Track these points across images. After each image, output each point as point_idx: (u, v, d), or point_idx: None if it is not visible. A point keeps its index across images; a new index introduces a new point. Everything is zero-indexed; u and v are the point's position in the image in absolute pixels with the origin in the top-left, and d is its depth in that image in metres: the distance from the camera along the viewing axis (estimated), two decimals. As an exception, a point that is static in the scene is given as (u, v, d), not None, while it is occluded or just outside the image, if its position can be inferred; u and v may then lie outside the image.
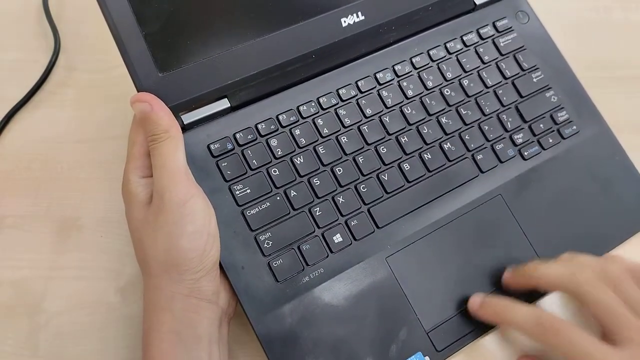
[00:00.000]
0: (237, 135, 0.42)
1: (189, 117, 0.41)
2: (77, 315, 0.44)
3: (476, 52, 0.48)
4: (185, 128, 0.41)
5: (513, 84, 0.47)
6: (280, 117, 0.43)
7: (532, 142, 0.46)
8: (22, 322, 0.43)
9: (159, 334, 0.36)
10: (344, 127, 0.44)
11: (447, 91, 0.46)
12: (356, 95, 0.45)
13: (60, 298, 0.44)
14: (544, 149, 0.46)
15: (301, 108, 0.43)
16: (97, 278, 0.45)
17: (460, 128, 0.45)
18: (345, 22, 0.44)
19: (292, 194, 0.41)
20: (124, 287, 0.44)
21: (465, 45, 0.48)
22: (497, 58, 0.48)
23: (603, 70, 0.54)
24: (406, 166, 0.43)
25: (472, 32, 0.48)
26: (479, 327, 0.41)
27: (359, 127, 0.44)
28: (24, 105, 0.51)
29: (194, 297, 0.36)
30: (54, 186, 0.48)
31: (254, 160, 0.41)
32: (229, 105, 0.42)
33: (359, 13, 0.44)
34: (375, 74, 0.45)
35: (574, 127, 0.47)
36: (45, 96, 0.52)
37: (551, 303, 0.43)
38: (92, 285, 0.45)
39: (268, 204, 0.41)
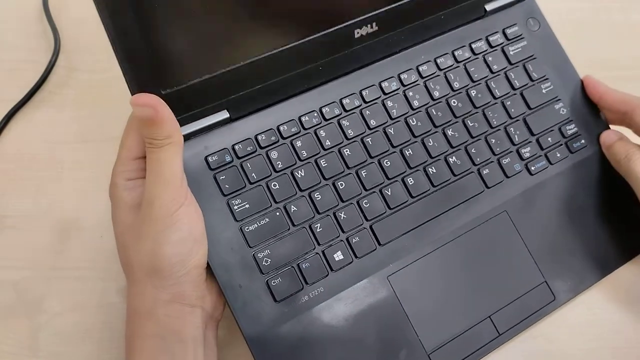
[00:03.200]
0: (236, 147, 0.40)
1: (186, 128, 0.39)
2: (77, 315, 0.44)
3: (485, 60, 0.46)
4: (181, 139, 0.39)
5: (522, 95, 0.46)
6: (281, 128, 0.41)
7: (540, 156, 0.45)
8: (22, 322, 0.43)
9: (141, 341, 0.35)
10: (347, 139, 0.42)
11: (454, 102, 0.44)
12: (360, 105, 0.43)
13: (60, 298, 0.44)
14: (551, 163, 0.45)
15: (303, 118, 0.42)
16: (97, 278, 0.45)
17: (466, 141, 0.44)
18: (358, 33, 0.42)
19: (292, 209, 0.40)
20: (124, 287, 0.44)
21: (474, 54, 0.46)
22: (506, 67, 0.46)
23: (603, 70, 0.52)
24: (410, 181, 0.42)
25: (481, 39, 0.46)
26: (482, 348, 0.40)
27: (362, 139, 0.42)
28: (24, 106, 0.51)
29: (177, 303, 0.35)
30: (54, 186, 0.48)
31: (253, 174, 0.40)
32: (228, 116, 0.40)
33: (374, 24, 0.42)
34: (380, 83, 0.44)
35: (582, 141, 0.46)
36: (45, 96, 0.52)
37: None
38: (92, 285, 0.44)
39: (267, 219, 0.39)
